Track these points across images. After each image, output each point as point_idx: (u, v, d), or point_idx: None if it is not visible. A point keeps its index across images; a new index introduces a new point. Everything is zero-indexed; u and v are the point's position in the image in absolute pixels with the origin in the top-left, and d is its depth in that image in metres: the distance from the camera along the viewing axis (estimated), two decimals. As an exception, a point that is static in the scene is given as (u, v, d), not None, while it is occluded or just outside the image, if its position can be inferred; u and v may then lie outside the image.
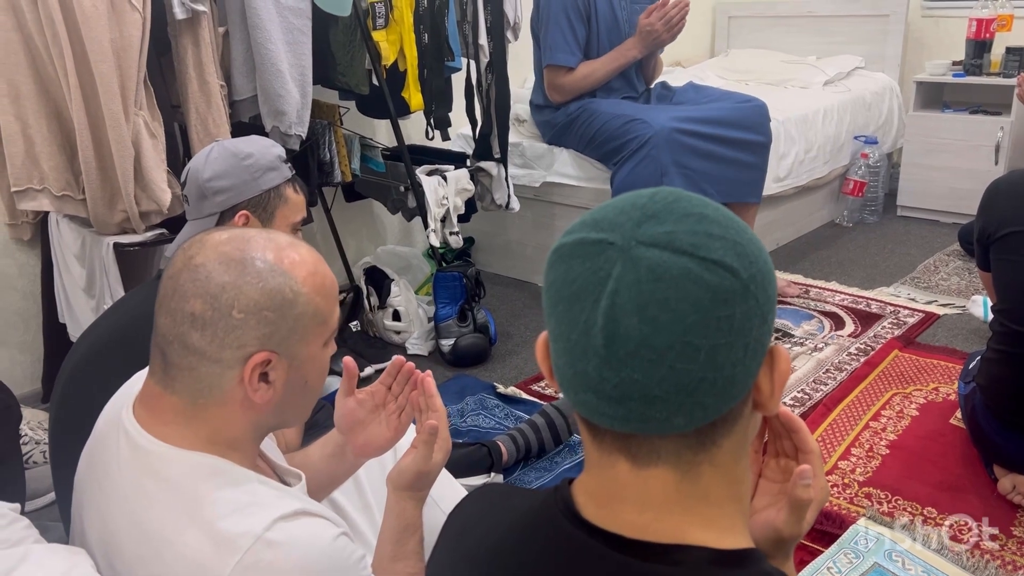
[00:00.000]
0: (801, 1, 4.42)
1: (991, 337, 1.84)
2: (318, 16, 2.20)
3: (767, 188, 3.05)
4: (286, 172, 1.52)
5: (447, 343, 2.61)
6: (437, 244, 2.62)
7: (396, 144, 2.58)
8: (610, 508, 0.63)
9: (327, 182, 2.58)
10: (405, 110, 2.56)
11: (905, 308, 2.91)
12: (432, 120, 2.60)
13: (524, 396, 2.38)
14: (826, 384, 2.40)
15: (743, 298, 0.57)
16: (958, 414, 2.13)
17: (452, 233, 2.66)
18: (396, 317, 2.75)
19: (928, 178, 3.84)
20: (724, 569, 0.61)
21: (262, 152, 1.49)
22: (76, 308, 2.15)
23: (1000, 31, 3.67)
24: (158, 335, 0.88)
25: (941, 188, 3.81)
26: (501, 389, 2.41)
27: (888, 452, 2.04)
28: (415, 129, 2.98)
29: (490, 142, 2.77)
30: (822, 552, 1.68)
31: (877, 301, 2.98)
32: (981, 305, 2.70)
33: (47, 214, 2.18)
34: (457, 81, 2.72)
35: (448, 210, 2.63)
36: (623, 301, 0.56)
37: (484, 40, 2.63)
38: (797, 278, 3.21)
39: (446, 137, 2.71)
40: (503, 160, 2.80)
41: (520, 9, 2.76)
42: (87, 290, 2.10)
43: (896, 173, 4.09)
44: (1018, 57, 3.60)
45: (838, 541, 1.71)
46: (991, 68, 3.72)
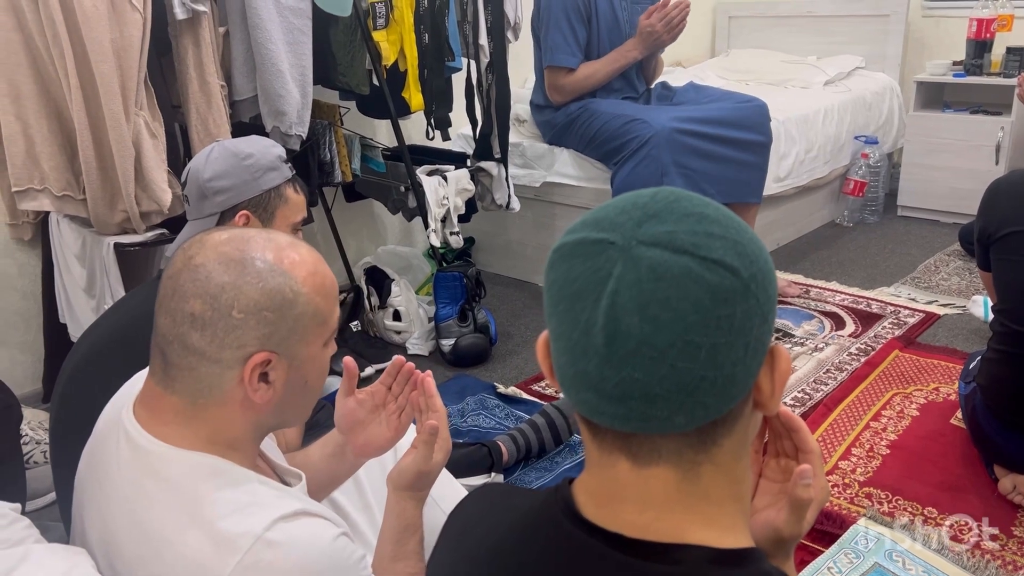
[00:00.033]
0: (801, 1, 4.42)
1: (991, 337, 1.84)
2: (318, 16, 2.20)
3: (767, 188, 3.05)
4: (286, 172, 1.52)
5: (447, 343, 2.61)
6: (437, 244, 2.62)
7: (396, 144, 2.58)
8: (610, 507, 0.63)
9: (327, 182, 2.58)
10: (405, 110, 2.56)
11: (906, 308, 2.91)
12: (432, 120, 2.60)
13: (524, 396, 2.38)
14: (826, 384, 2.40)
15: (744, 297, 0.57)
16: (958, 414, 2.13)
17: (452, 233, 2.66)
18: (396, 317, 2.75)
19: (928, 178, 3.84)
20: (725, 568, 0.61)
21: (262, 152, 1.49)
22: (77, 308, 2.15)
23: (1000, 31, 3.67)
24: (158, 335, 0.88)
25: (941, 188, 3.81)
26: (501, 389, 2.41)
27: (888, 452, 2.04)
28: (415, 129, 2.98)
29: (490, 142, 2.77)
30: (822, 552, 1.68)
31: (878, 301, 2.98)
32: (981, 305, 2.70)
33: (48, 214, 2.18)
34: (457, 81, 2.72)
35: (448, 210, 2.63)
36: (624, 300, 0.56)
37: (484, 40, 2.63)
38: (798, 278, 3.21)
39: (446, 137, 2.72)
40: (503, 160, 2.80)
41: (520, 9, 2.75)
42: (88, 290, 2.10)
43: (896, 173, 4.09)
44: (1018, 57, 3.60)
45: (838, 541, 1.71)
46: (991, 68, 3.72)
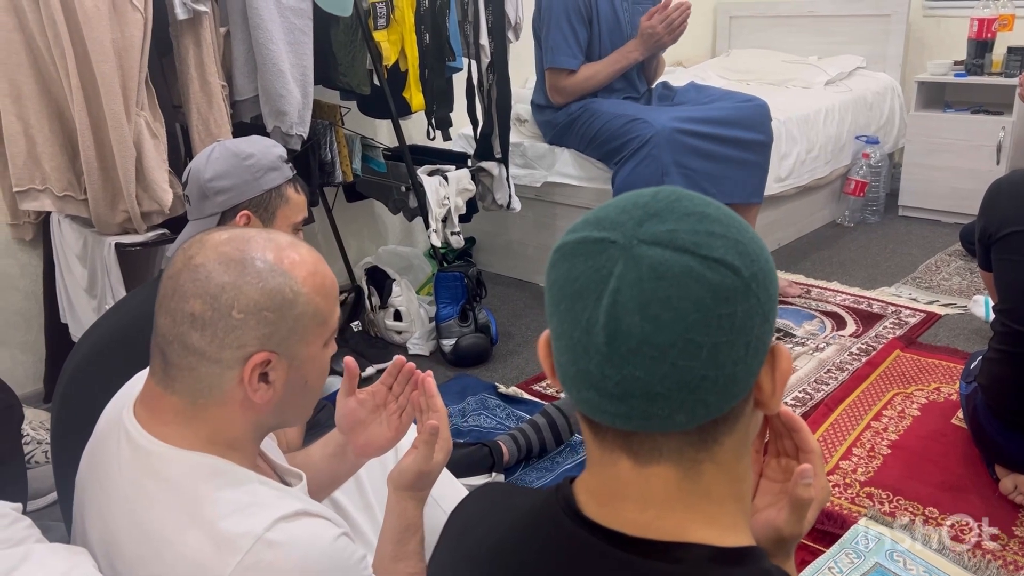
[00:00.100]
0: (802, 1, 4.42)
1: (993, 337, 1.84)
2: (319, 16, 2.21)
3: (768, 188, 3.05)
4: (287, 172, 1.52)
5: (448, 343, 2.61)
6: (438, 244, 2.62)
7: (397, 144, 2.58)
8: (612, 506, 0.63)
9: (328, 182, 2.58)
10: (406, 110, 2.56)
11: (906, 308, 2.91)
12: (433, 120, 2.60)
13: (525, 396, 2.38)
14: (827, 384, 2.39)
15: (744, 296, 0.57)
16: (959, 414, 2.12)
17: (453, 233, 2.66)
18: (397, 317, 2.75)
19: (929, 178, 3.83)
20: (725, 567, 0.61)
21: (263, 152, 1.49)
22: (78, 308, 2.15)
23: (1001, 31, 3.66)
24: (158, 335, 0.88)
25: (943, 188, 3.80)
26: (502, 389, 2.41)
27: (889, 452, 2.03)
28: (416, 129, 2.98)
29: (491, 142, 2.77)
30: (823, 552, 1.68)
31: (878, 301, 2.98)
32: (983, 305, 2.69)
33: (49, 214, 2.18)
34: (458, 81, 2.72)
35: (449, 210, 2.63)
36: (625, 299, 0.56)
37: (485, 40, 2.63)
38: (798, 278, 3.21)
39: (447, 137, 2.72)
40: (504, 160, 2.80)
41: (521, 9, 2.75)
42: (89, 290, 2.10)
43: (897, 173, 4.09)
44: (1019, 57, 3.59)
45: (839, 541, 1.71)
46: (993, 68, 3.72)
